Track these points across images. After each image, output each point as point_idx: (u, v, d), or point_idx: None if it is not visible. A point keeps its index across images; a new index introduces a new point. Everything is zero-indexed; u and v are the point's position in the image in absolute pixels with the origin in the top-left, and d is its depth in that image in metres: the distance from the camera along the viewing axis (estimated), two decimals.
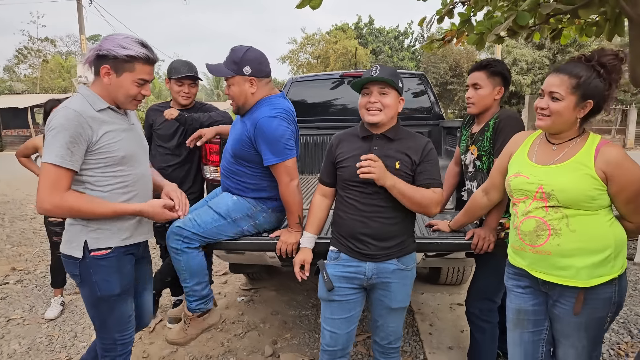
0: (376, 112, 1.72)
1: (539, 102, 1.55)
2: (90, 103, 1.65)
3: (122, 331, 1.80)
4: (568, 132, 1.55)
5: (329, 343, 1.85)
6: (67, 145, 1.55)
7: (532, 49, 22.13)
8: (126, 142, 1.71)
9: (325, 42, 28.19)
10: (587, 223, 1.48)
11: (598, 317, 1.53)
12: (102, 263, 1.69)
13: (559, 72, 1.50)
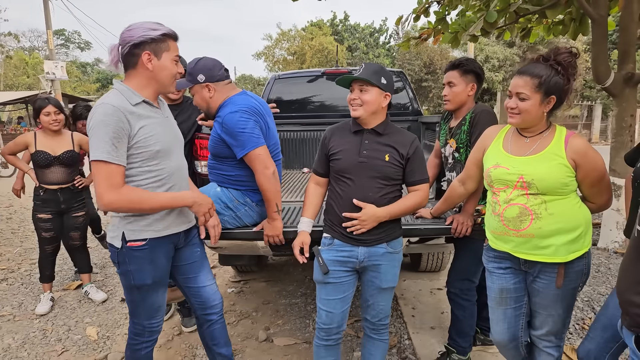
0: (357, 107, 1.87)
1: (508, 102, 1.72)
2: (126, 98, 1.68)
3: (150, 319, 1.90)
4: (538, 126, 1.72)
5: (325, 322, 1.99)
6: (111, 140, 1.59)
7: (503, 47, 22.78)
8: (162, 136, 1.76)
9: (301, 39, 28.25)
10: (562, 206, 1.66)
11: (572, 287, 1.73)
12: (137, 254, 1.76)
13: (522, 74, 1.66)
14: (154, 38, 1.67)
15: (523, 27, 5.44)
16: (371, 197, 1.86)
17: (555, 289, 1.72)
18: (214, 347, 2.12)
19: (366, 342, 2.13)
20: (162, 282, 1.87)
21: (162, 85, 1.77)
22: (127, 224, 1.75)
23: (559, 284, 1.70)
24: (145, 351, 1.95)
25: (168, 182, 1.80)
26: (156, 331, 1.95)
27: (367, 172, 1.86)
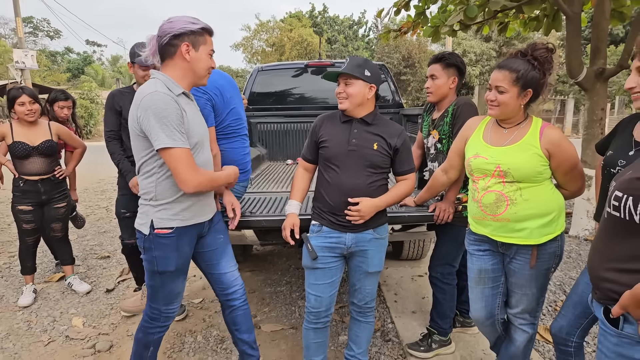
0: (343, 100, 1.94)
1: (488, 94, 1.82)
2: (169, 88, 1.72)
3: (168, 304, 1.95)
4: (515, 117, 1.82)
5: (314, 305, 2.06)
6: (177, 128, 1.65)
7: (480, 42, 23.17)
8: (197, 128, 1.81)
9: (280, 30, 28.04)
10: (536, 193, 1.76)
11: (546, 268, 1.85)
12: (163, 241, 1.80)
13: (501, 68, 1.76)
14: (193, 30, 1.74)
15: (501, 21, 5.59)
16: (359, 184, 1.93)
17: (530, 269, 1.83)
18: (236, 332, 2.17)
19: (353, 325, 2.22)
20: (183, 270, 1.93)
21: (198, 77, 1.81)
22: (156, 212, 1.79)
23: (532, 265, 1.82)
24: (158, 336, 2.01)
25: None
26: (171, 317, 2.00)
27: (356, 160, 1.93)
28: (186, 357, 2.61)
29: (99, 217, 6.01)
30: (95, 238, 4.97)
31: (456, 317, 2.75)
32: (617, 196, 1.10)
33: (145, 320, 1.99)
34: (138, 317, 3.06)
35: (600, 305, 1.19)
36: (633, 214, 1.05)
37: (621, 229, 1.11)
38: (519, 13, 5.04)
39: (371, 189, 1.96)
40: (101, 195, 7.53)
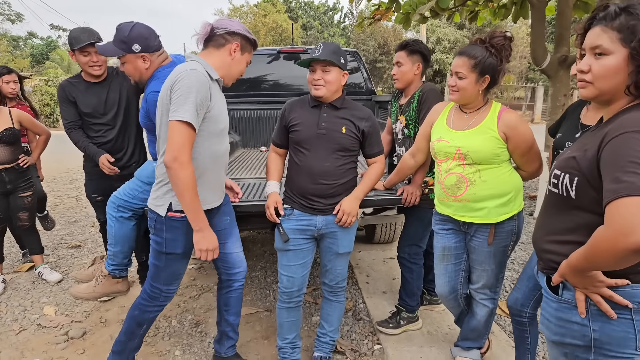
0: (320, 87, 1.97)
1: (449, 80, 1.91)
2: (208, 72, 1.78)
3: (169, 285, 2.01)
4: (475, 102, 1.91)
5: (286, 286, 2.13)
6: (197, 108, 1.68)
7: (454, 29, 23.42)
8: (225, 116, 1.90)
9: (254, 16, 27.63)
10: (494, 174, 1.87)
11: (503, 245, 1.97)
12: (175, 224, 1.85)
13: (461, 54, 1.84)
14: (247, 37, 1.87)
15: (471, 9, 5.69)
16: (328, 167, 1.99)
17: (488, 246, 1.95)
18: (225, 312, 2.24)
19: (324, 305, 2.30)
20: (188, 253, 1.98)
21: (230, 76, 1.91)
22: (174, 196, 1.82)
23: (490, 242, 1.94)
24: (153, 314, 2.08)
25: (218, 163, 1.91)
26: (170, 297, 2.06)
27: (325, 144, 1.99)
28: (161, 341, 2.64)
29: (69, 207, 5.90)
30: (65, 227, 4.90)
31: (423, 295, 2.87)
32: (556, 174, 1.19)
33: (143, 299, 2.04)
34: (112, 304, 3.06)
35: (543, 274, 1.29)
36: (569, 190, 1.14)
37: (559, 204, 1.20)
38: (489, 2, 5.16)
39: (340, 172, 2.02)
40: (70, 185, 7.37)
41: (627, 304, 1.09)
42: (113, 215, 2.43)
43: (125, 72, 2.24)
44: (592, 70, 1.10)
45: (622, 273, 1.09)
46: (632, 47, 1.03)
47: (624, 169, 0.96)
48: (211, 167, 1.88)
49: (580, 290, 1.14)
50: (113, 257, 2.51)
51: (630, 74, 1.06)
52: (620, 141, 1.00)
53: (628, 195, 0.94)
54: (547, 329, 1.25)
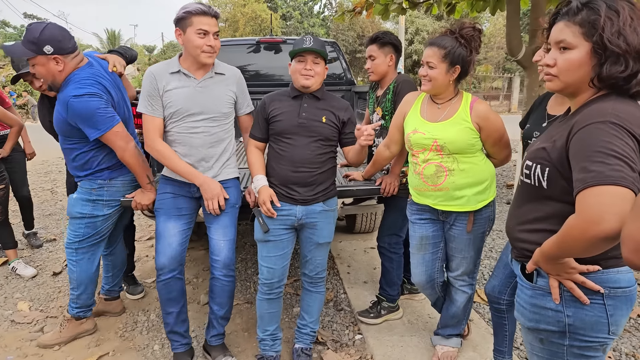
0: (310, 78, 1.97)
1: (420, 70, 1.93)
2: (170, 65, 2.05)
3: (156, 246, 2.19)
4: (446, 93, 1.95)
5: (267, 277, 2.12)
6: (147, 98, 2.02)
7: (433, 20, 23.54)
8: (181, 101, 2.03)
9: (233, 5, 27.20)
10: (470, 163, 1.92)
11: (481, 232, 2.04)
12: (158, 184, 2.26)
13: (432, 45, 1.87)
14: (179, 17, 1.96)
15: (448, 2, 5.72)
16: (309, 156, 1.99)
17: (467, 233, 1.99)
18: (210, 300, 2.27)
19: (305, 296, 2.30)
20: (166, 214, 2.14)
21: (194, 57, 2.01)
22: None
23: (469, 229, 1.99)
24: (157, 280, 2.17)
25: (181, 142, 2.10)
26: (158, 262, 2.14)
27: (306, 133, 1.99)
28: (139, 335, 2.61)
29: (44, 200, 5.74)
30: (40, 221, 4.76)
31: (404, 285, 2.90)
32: (528, 165, 1.22)
33: None
34: None
35: (517, 262, 1.32)
36: (541, 181, 1.16)
37: (532, 194, 1.23)
38: None
39: (320, 160, 2.02)
40: (45, 177, 7.17)
41: (599, 290, 1.12)
42: (71, 259, 2.37)
43: (36, 75, 2.29)
44: (557, 64, 1.13)
45: (592, 260, 1.13)
46: (594, 41, 1.06)
47: (591, 158, 0.99)
48: (176, 146, 2.10)
49: (553, 277, 1.17)
50: (76, 300, 2.44)
51: (593, 67, 1.09)
52: (587, 132, 1.03)
53: (596, 185, 0.96)
54: (522, 316, 1.28)
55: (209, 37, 1.96)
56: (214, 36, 1.98)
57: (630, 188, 0.94)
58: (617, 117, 1.01)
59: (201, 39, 1.95)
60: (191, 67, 2.05)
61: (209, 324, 2.31)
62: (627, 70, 1.05)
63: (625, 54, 1.04)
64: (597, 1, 1.08)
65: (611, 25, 1.05)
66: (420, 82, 2.03)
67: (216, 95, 2.10)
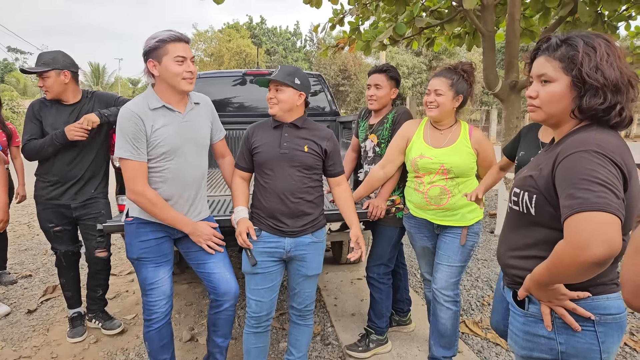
0: (273, 105, 2.01)
1: (427, 98, 2.14)
2: (148, 102, 1.93)
3: (145, 295, 2.04)
4: (448, 120, 2.17)
5: (255, 310, 2.07)
6: (131, 141, 1.87)
7: (412, 56, 24.37)
8: (172, 138, 1.94)
9: (218, 40, 27.72)
10: (468, 185, 2.16)
11: (470, 244, 2.20)
12: (128, 228, 2.03)
13: (439, 76, 2.14)
14: (152, 47, 1.88)
15: (428, 37, 5.96)
16: (294, 186, 1.99)
17: (458, 244, 2.18)
18: (212, 333, 2.18)
19: (292, 329, 2.24)
20: (150, 261, 2.01)
21: (175, 87, 1.94)
22: (131, 202, 2.01)
23: (463, 242, 2.17)
24: (146, 330, 2.05)
25: (170, 181, 2.00)
26: (154, 312, 2.03)
27: (288, 163, 1.99)
28: None
29: (20, 234, 5.55)
30: (15, 256, 4.59)
31: (392, 317, 2.86)
32: (516, 192, 1.25)
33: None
34: (63, 339, 2.87)
35: (509, 289, 1.32)
36: (529, 207, 1.19)
37: (521, 220, 1.25)
38: (443, 30, 5.41)
39: (306, 189, 2.02)
40: (22, 211, 6.97)
41: (590, 316, 1.13)
42: None
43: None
44: (539, 96, 1.19)
45: (582, 286, 1.14)
46: (574, 75, 1.13)
47: (576, 185, 1.02)
48: (163, 185, 1.98)
49: (545, 304, 1.17)
50: None
51: (573, 99, 1.15)
52: (572, 160, 1.07)
53: (583, 211, 0.99)
54: (516, 344, 1.27)
55: (187, 62, 1.93)
56: (191, 61, 1.96)
57: (615, 214, 0.97)
58: (599, 146, 1.05)
59: (180, 65, 1.90)
60: (172, 100, 1.97)
61: (210, 358, 2.24)
62: (606, 103, 1.10)
63: (603, 87, 1.10)
64: (575, 38, 1.14)
65: (589, 61, 1.11)
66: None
67: (199, 127, 2.09)
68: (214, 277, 2.09)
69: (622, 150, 1.07)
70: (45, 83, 2.56)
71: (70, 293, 2.93)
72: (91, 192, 2.73)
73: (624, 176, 1.04)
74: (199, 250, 2.09)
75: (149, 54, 1.90)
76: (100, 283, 2.90)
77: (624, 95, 1.12)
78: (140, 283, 2.04)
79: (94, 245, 2.77)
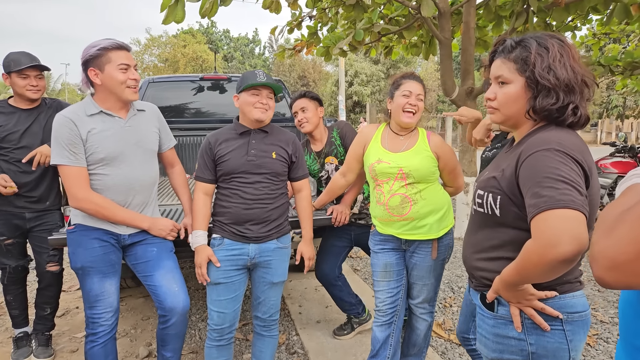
0: (264, 111, 1.95)
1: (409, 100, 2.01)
2: (85, 108, 1.86)
3: (90, 307, 1.90)
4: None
5: (217, 322, 1.97)
6: (67, 147, 1.80)
7: (370, 64, 24.83)
8: (110, 145, 1.86)
9: (173, 46, 27.09)
10: (431, 192, 2.02)
11: (442, 259, 2.09)
12: (70, 237, 1.93)
13: (417, 80, 2.08)
14: (93, 55, 1.82)
15: (386, 45, 6.07)
16: (261, 194, 1.93)
17: (430, 261, 2.05)
18: (161, 347, 2.05)
19: (256, 341, 2.17)
20: (95, 270, 1.89)
21: (118, 95, 1.87)
22: (73, 210, 1.92)
23: (434, 256, 2.04)
24: (90, 346, 1.91)
25: (113, 189, 1.90)
26: (97, 324, 1.90)
27: (256, 170, 1.93)
28: None
29: None
30: None
31: (352, 320, 2.86)
32: (480, 194, 1.24)
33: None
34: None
35: (476, 292, 1.31)
36: (494, 209, 1.19)
37: (485, 222, 1.25)
38: (401, 38, 5.53)
39: (273, 196, 1.97)
40: None
41: (558, 315, 1.13)
42: None
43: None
44: (497, 97, 1.21)
45: (548, 285, 1.15)
46: (527, 76, 1.15)
47: (541, 184, 1.03)
48: (104, 193, 1.89)
49: (514, 305, 1.17)
50: None
51: (528, 99, 1.16)
52: (534, 159, 1.07)
53: (549, 209, 0.99)
54: (485, 347, 1.26)
55: (131, 70, 1.87)
56: (134, 69, 1.90)
57: (580, 210, 0.98)
58: (560, 144, 1.06)
59: (124, 73, 1.84)
60: (113, 107, 1.89)
61: None
62: (559, 103, 1.12)
63: (555, 87, 1.12)
64: (528, 39, 1.16)
65: (541, 61, 1.12)
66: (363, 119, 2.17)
67: (145, 133, 1.99)
68: (160, 291, 1.95)
69: (582, 149, 1.09)
70: (40, 83, 2.49)
71: (17, 311, 2.71)
72: (46, 204, 2.55)
73: (585, 173, 1.06)
74: (147, 261, 1.98)
75: (90, 62, 1.83)
76: (49, 300, 2.69)
77: (577, 94, 1.13)
78: (84, 295, 1.91)
79: (45, 259, 2.58)
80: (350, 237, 2.63)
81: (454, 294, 3.59)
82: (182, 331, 2.03)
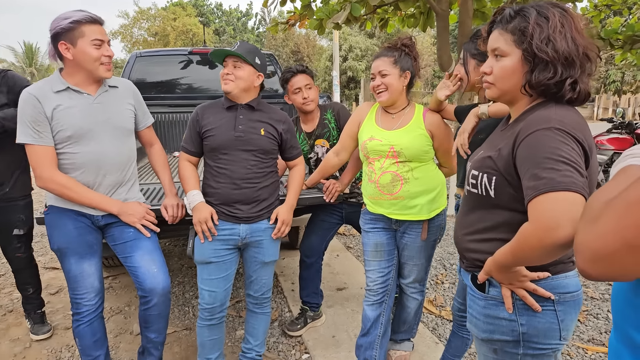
0: (228, 82, 1.87)
1: (373, 83, 1.95)
2: (51, 85, 1.77)
3: (72, 289, 1.89)
4: (399, 102, 1.99)
5: (208, 301, 1.97)
6: (31, 125, 1.73)
7: (365, 38, 24.40)
8: (78, 121, 1.78)
9: (163, 19, 26.41)
10: (424, 171, 1.95)
11: (433, 240, 2.06)
12: (46, 219, 1.90)
13: (380, 56, 1.94)
14: (64, 28, 1.72)
15: (381, 17, 5.91)
16: (249, 172, 1.89)
17: (420, 242, 2.02)
18: (144, 329, 2.02)
19: (249, 317, 2.17)
20: (72, 252, 1.86)
21: (90, 71, 1.80)
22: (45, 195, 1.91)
23: (424, 237, 2.01)
24: (76, 325, 1.91)
25: (82, 167, 1.83)
26: (80, 305, 1.89)
27: (244, 147, 1.88)
28: None
29: None
30: None
31: (307, 314, 2.76)
32: (474, 174, 1.20)
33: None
34: (4, 338, 2.65)
35: (467, 273, 1.30)
36: (489, 190, 1.15)
37: (479, 203, 1.21)
38: (397, 10, 5.39)
39: (262, 175, 1.93)
40: None
41: (550, 296, 1.12)
42: None
43: None
44: (493, 71, 1.14)
45: (542, 266, 1.13)
46: (524, 48, 1.08)
47: (541, 165, 0.99)
48: (74, 172, 1.83)
49: (505, 286, 1.16)
50: None
51: (524, 74, 1.09)
52: (534, 138, 1.02)
53: (548, 191, 0.96)
54: (476, 327, 1.26)
55: (105, 46, 1.79)
56: (108, 44, 1.81)
57: (581, 193, 0.95)
58: (561, 122, 1.02)
59: (97, 49, 1.76)
60: (83, 83, 1.81)
61: (144, 351, 2.07)
62: (556, 77, 1.06)
63: (553, 60, 1.05)
64: (528, 8, 1.09)
65: (540, 32, 1.05)
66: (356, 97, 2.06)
67: (116, 110, 1.90)
68: (139, 272, 1.91)
69: (583, 127, 1.04)
70: None
71: None
72: (5, 190, 2.45)
73: (586, 153, 1.02)
74: (125, 242, 1.93)
75: (61, 35, 1.72)
76: (28, 281, 2.66)
77: (577, 68, 1.06)
78: (65, 276, 1.89)
79: (12, 250, 2.57)
80: (341, 215, 2.60)
81: (446, 271, 3.62)
82: (165, 312, 2.00)
